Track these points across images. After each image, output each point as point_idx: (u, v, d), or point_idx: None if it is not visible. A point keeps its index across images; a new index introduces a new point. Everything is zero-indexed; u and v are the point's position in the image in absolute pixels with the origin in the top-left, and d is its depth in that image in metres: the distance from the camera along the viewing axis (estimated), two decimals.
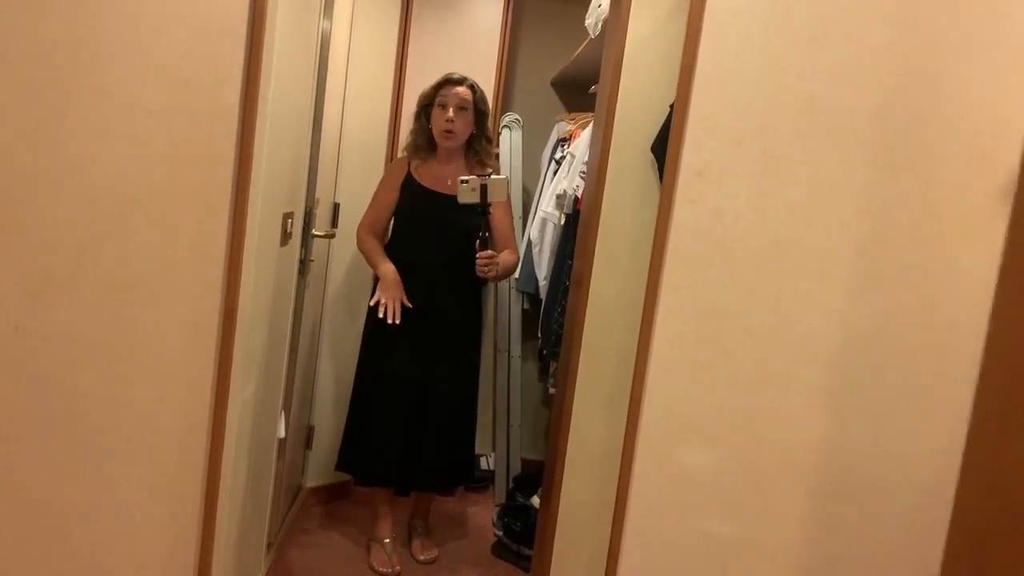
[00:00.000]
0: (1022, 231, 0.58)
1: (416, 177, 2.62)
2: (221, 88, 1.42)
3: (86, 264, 1.42)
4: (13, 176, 1.36)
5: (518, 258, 2.77)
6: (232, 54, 1.41)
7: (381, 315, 2.47)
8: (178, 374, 1.47)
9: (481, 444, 3.35)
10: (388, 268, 2.54)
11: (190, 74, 1.41)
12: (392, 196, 2.62)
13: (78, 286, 1.42)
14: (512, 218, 2.77)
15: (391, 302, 2.48)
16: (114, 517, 1.49)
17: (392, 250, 2.65)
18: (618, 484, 1.46)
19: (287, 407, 2.38)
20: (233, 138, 1.43)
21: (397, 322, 2.47)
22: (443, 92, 2.55)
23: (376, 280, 2.61)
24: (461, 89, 2.55)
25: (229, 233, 1.45)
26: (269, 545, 2.36)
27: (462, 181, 2.37)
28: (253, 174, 1.49)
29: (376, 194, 2.68)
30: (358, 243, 2.68)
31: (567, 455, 1.89)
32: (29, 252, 1.39)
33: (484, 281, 2.58)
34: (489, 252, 2.42)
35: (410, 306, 2.51)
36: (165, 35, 1.40)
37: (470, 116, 2.58)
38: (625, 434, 1.45)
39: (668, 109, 1.72)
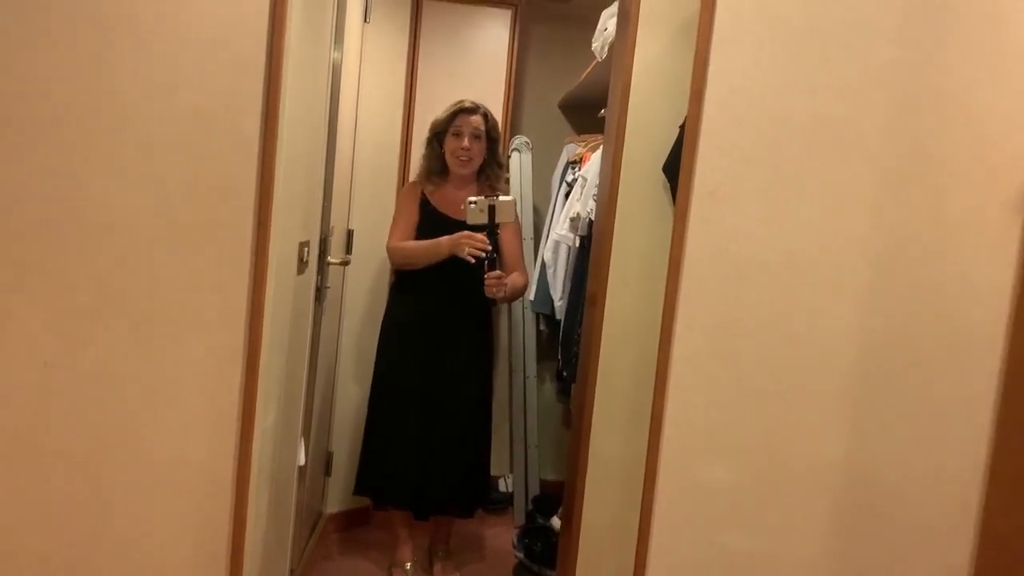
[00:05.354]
0: None
1: (431, 200, 2.65)
2: (240, 122, 1.45)
3: (110, 299, 1.44)
4: (36, 216, 1.40)
5: (527, 281, 2.79)
6: (250, 88, 1.44)
7: (471, 257, 2.40)
8: (204, 406, 1.49)
9: (499, 466, 3.35)
10: (440, 238, 2.51)
11: (208, 109, 1.44)
12: (416, 210, 2.66)
13: (103, 321, 1.44)
14: (522, 241, 2.79)
15: (468, 246, 2.42)
16: (143, 550, 1.50)
17: (404, 272, 2.67)
18: (642, 501, 1.46)
19: (306, 434, 2.40)
20: (253, 170, 1.46)
21: (489, 249, 2.41)
22: (457, 121, 2.60)
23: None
24: (475, 118, 2.60)
25: (252, 264, 1.47)
26: (291, 572, 2.36)
27: (470, 202, 2.40)
28: (274, 205, 1.51)
29: (400, 212, 2.71)
30: (393, 255, 2.67)
31: (587, 474, 1.90)
32: (55, 290, 1.42)
33: (493, 302, 2.60)
34: (497, 272, 2.44)
35: (488, 246, 2.42)
36: (182, 71, 1.43)
37: (483, 143, 2.63)
38: (647, 451, 1.46)
39: (678, 129, 1.74)
